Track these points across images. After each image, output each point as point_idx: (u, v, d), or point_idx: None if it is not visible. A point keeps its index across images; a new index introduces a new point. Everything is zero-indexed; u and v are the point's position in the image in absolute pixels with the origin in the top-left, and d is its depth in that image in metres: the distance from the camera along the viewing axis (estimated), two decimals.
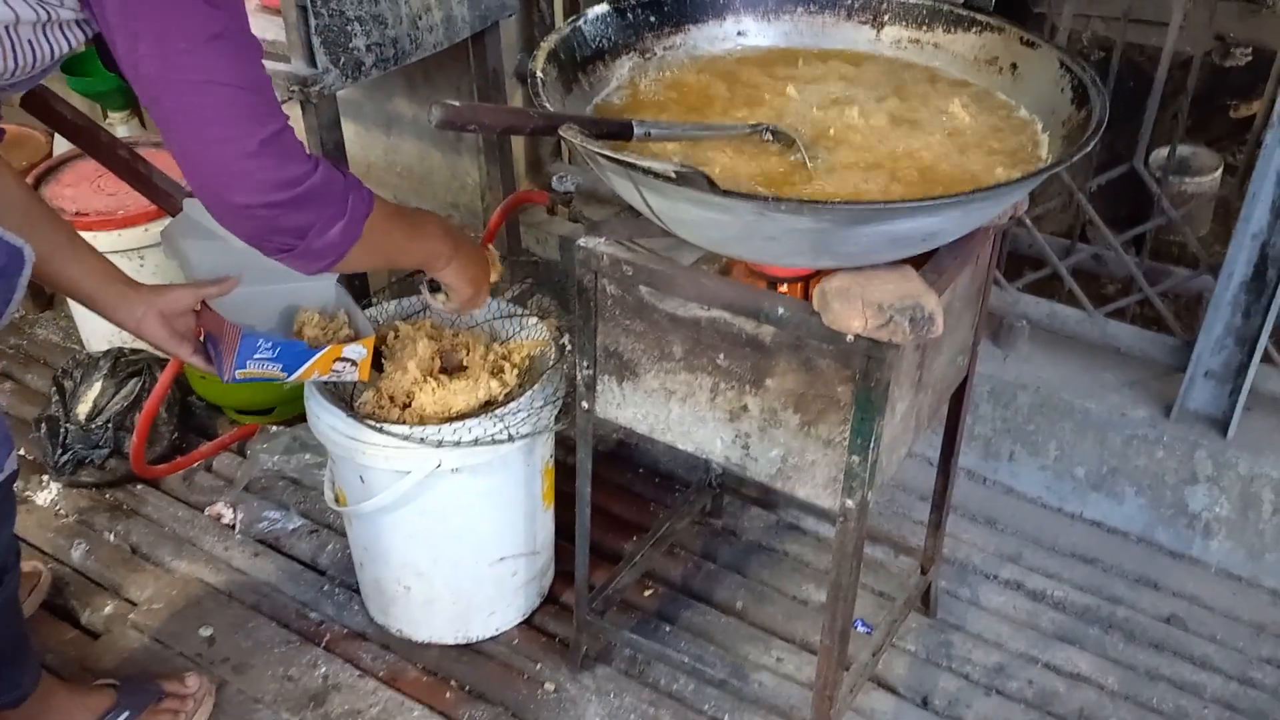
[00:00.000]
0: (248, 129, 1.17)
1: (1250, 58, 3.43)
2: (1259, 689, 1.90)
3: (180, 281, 1.58)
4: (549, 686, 1.86)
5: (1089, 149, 1.18)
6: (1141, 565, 2.14)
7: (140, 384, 2.28)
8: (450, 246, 1.56)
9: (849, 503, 1.38)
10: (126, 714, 1.71)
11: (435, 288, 1.66)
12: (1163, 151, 2.82)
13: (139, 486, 2.28)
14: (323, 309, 1.67)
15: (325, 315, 1.66)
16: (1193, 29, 2.62)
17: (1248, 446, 2.04)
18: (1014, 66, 1.46)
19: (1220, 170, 3.50)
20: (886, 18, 1.56)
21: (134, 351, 2.35)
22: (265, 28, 1.95)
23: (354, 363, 1.59)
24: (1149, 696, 1.87)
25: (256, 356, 1.51)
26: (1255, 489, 2.04)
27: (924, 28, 1.55)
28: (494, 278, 1.71)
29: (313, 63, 1.92)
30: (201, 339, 1.57)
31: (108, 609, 2.02)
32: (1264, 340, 1.95)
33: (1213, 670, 1.93)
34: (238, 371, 1.50)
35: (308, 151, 1.25)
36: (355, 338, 1.63)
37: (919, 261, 1.32)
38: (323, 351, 1.55)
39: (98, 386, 2.26)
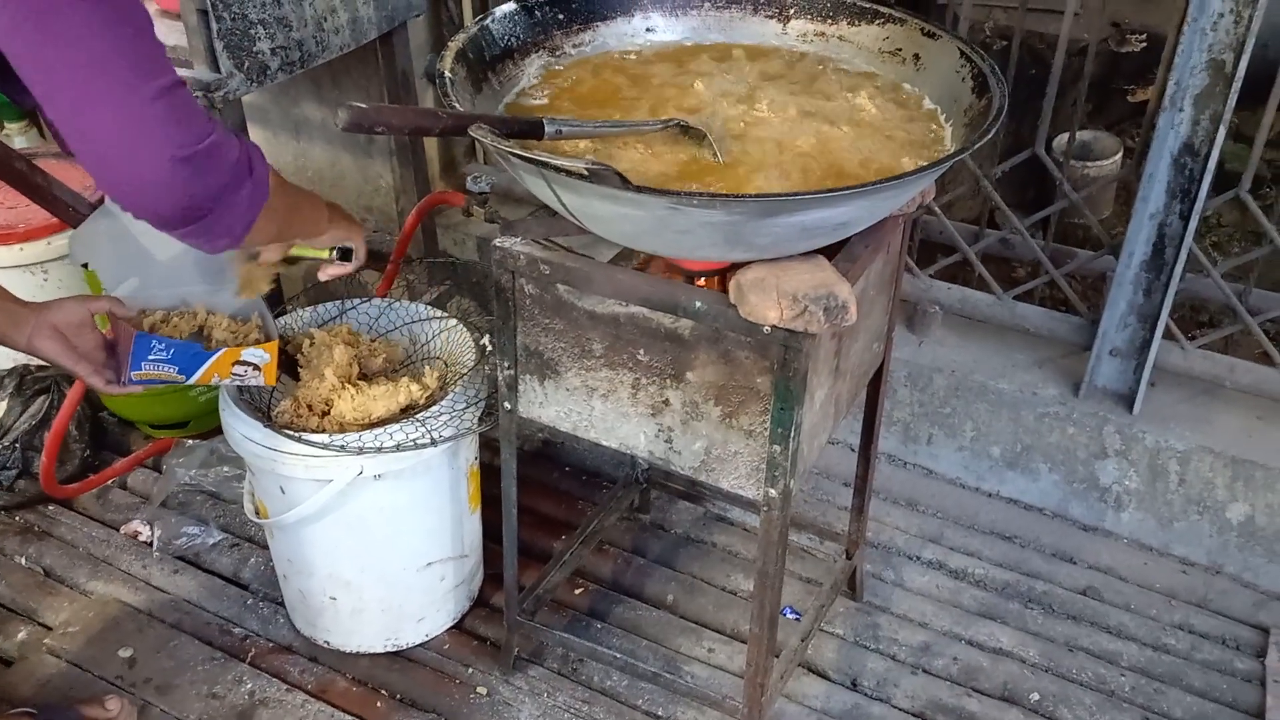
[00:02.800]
0: (136, 86, 1.11)
1: (1145, 43, 3.55)
2: (1173, 654, 1.96)
3: (85, 294, 1.54)
4: (482, 690, 1.85)
5: (989, 137, 1.21)
6: (1057, 539, 2.20)
7: (48, 401, 2.21)
8: (326, 206, 1.53)
9: (772, 492, 1.40)
10: None
11: (344, 256, 1.60)
12: (1065, 137, 2.90)
13: (50, 507, 2.22)
14: (234, 314, 1.64)
15: (238, 320, 1.63)
16: (1089, 16, 2.71)
17: (1153, 420, 2.12)
18: (917, 57, 1.49)
19: (1121, 154, 3.61)
20: (792, 11, 1.58)
21: (40, 368, 2.28)
22: (166, 33, 1.89)
23: (256, 366, 1.55)
24: (1069, 667, 1.92)
25: (150, 358, 1.48)
26: (1162, 461, 2.11)
27: (829, 21, 1.57)
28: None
29: (216, 68, 1.88)
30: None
31: (21, 635, 1.95)
32: (1164, 317, 2.02)
33: (1128, 638, 1.99)
34: (133, 374, 1.47)
35: (204, 111, 1.20)
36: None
37: (832, 251, 1.34)
38: (219, 354, 1.53)
39: (3, 406, 2.19)
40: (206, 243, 1.25)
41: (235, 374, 1.55)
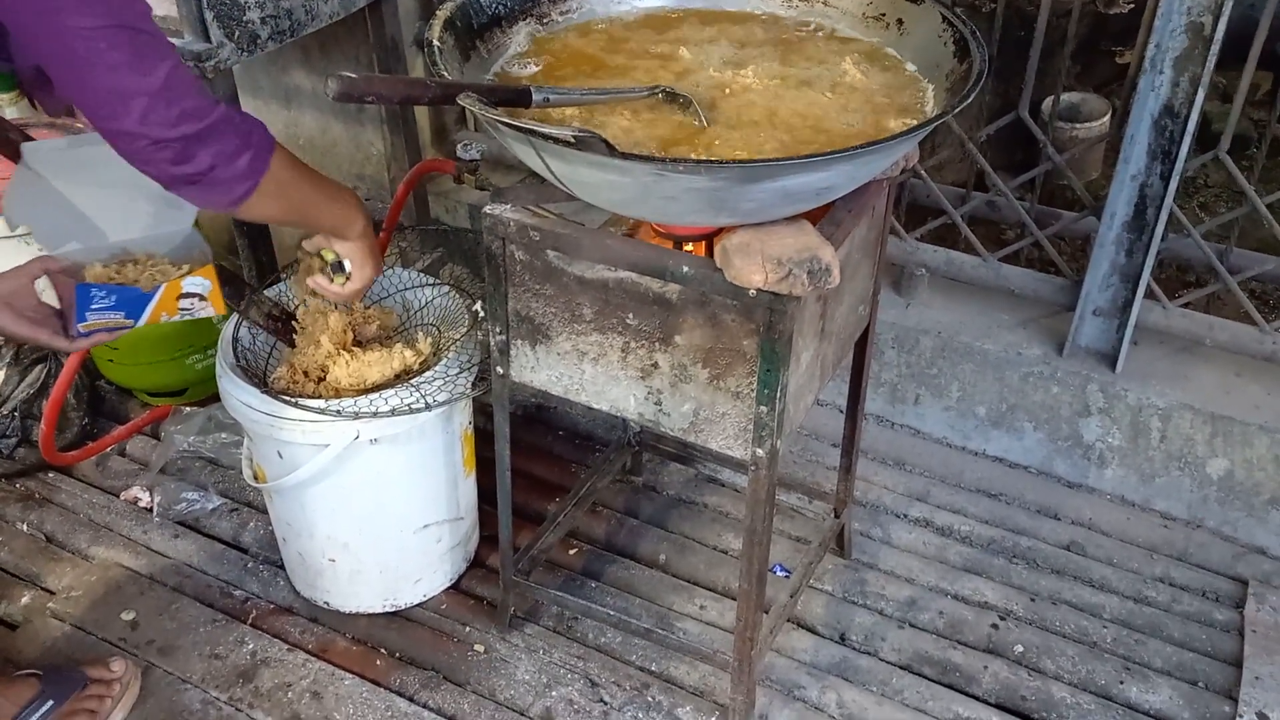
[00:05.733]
0: (145, 68, 1.17)
1: (1133, 4, 3.55)
2: (1153, 606, 2.01)
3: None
4: (479, 648, 1.90)
5: (968, 101, 1.23)
6: (1041, 496, 2.24)
7: (45, 370, 2.24)
8: (364, 216, 1.57)
9: (759, 451, 1.43)
10: (50, 703, 1.69)
11: (337, 270, 1.62)
12: (1052, 99, 2.91)
13: (50, 474, 2.25)
14: (173, 253, 1.58)
15: (179, 261, 1.57)
16: None
17: (1135, 378, 2.15)
18: (900, 22, 1.51)
19: (1109, 115, 3.63)
20: None
21: None
22: (157, 2, 1.90)
23: (201, 296, 1.53)
24: (1052, 619, 1.97)
25: (94, 307, 1.46)
26: (1144, 418, 2.15)
27: None
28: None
29: (206, 37, 1.89)
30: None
31: (25, 599, 1.99)
32: (1146, 276, 2.05)
33: (1110, 591, 2.04)
34: (80, 325, 1.46)
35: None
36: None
37: (816, 215, 1.37)
38: (160, 290, 1.50)
39: (1, 374, 2.21)
40: (209, 201, 1.32)
41: (183, 308, 1.53)
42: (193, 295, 1.53)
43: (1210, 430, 2.10)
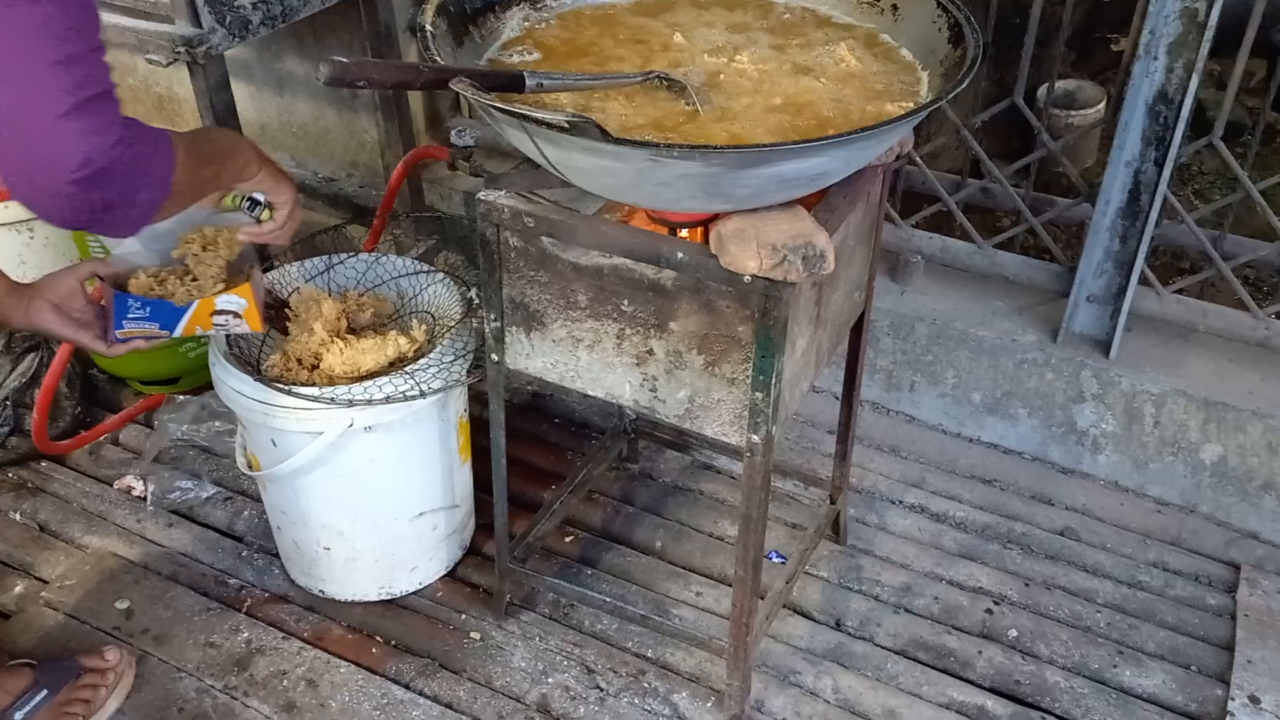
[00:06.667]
0: (50, 97, 1.08)
1: None
2: (1147, 590, 2.02)
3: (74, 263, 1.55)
4: (475, 635, 1.90)
5: (962, 87, 1.23)
6: (1036, 482, 2.25)
7: (38, 359, 2.23)
8: (255, 151, 1.49)
9: (754, 438, 1.43)
10: (45, 692, 1.69)
11: (253, 207, 1.55)
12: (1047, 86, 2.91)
13: (43, 463, 2.24)
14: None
15: (204, 233, 1.56)
16: None
17: (1129, 365, 2.16)
18: (894, 8, 1.50)
19: (1104, 102, 3.63)
20: None
21: None
22: None
23: (236, 314, 1.56)
24: (1046, 604, 1.98)
25: (131, 316, 1.51)
26: (1137, 404, 2.15)
27: None
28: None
29: (197, 22, 1.88)
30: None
31: (19, 589, 1.99)
32: (1140, 263, 2.06)
33: (1104, 576, 2.05)
34: (118, 332, 1.51)
35: (120, 116, 1.16)
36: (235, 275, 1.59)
37: (811, 201, 1.37)
38: (194, 306, 1.53)
39: None
40: (110, 234, 1.27)
41: (217, 324, 1.56)
42: (227, 312, 1.56)
43: (1204, 416, 2.10)
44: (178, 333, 1.55)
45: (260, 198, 1.54)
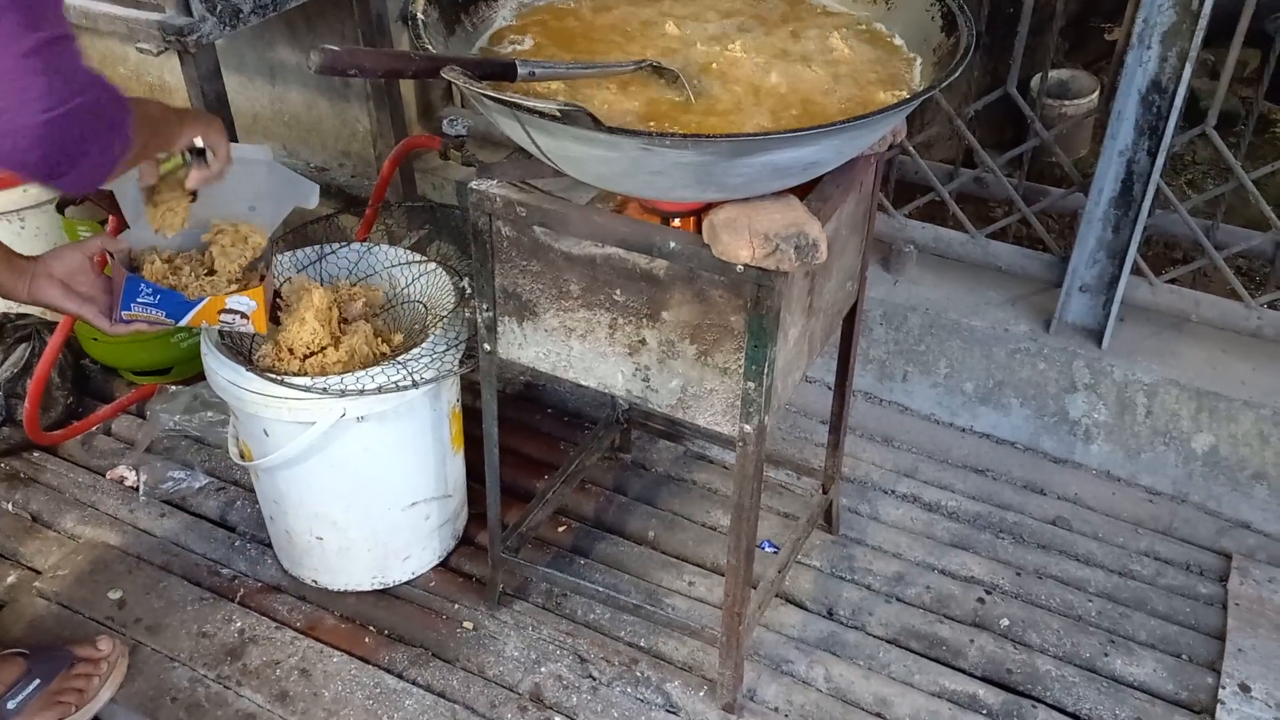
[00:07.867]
0: (16, 36, 1.07)
1: None
2: (1138, 579, 2.03)
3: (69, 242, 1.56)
4: (468, 624, 1.90)
5: (954, 76, 1.23)
6: (1028, 472, 2.25)
7: (29, 349, 2.22)
8: (176, 114, 1.46)
9: (747, 427, 1.43)
10: (37, 682, 1.69)
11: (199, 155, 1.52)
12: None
13: (36, 453, 2.24)
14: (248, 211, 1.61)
15: (238, 229, 1.59)
16: None
17: (1121, 354, 2.16)
18: None
19: (1098, 92, 3.62)
20: None
21: (20, 316, 2.29)
22: None
23: (244, 315, 1.57)
24: (1038, 594, 1.98)
25: (139, 300, 1.52)
26: (1130, 394, 2.16)
27: None
28: None
29: (187, 11, 1.87)
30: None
31: (11, 578, 1.98)
32: (1132, 253, 2.06)
33: (1096, 566, 2.05)
34: (123, 312, 1.52)
35: (84, 62, 1.15)
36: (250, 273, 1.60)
37: (804, 191, 1.36)
38: (203, 302, 1.55)
39: None
40: (62, 189, 1.26)
41: (224, 321, 1.58)
42: (236, 312, 1.57)
43: (1196, 406, 2.11)
44: (183, 323, 1.57)
45: (199, 143, 1.51)
